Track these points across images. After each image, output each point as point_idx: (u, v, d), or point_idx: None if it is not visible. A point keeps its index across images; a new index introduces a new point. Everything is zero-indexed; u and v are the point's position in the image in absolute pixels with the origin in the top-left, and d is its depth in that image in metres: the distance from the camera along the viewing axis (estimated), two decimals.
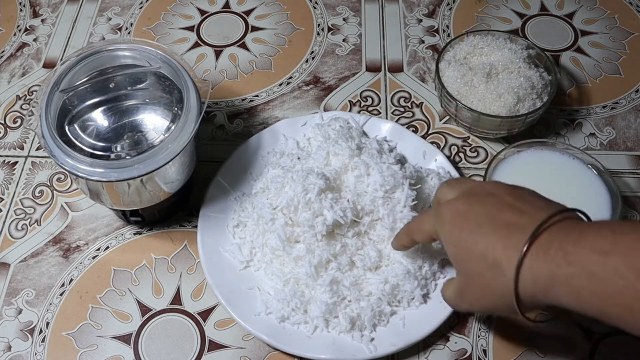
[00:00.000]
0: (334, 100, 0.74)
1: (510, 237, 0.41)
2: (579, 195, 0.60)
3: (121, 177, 0.53)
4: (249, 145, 0.67)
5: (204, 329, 0.59)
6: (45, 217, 0.66)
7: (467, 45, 0.71)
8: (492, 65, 0.68)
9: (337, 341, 0.55)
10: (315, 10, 0.84)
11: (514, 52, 0.69)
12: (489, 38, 0.71)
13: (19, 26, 0.84)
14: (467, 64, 0.69)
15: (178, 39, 0.82)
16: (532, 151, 0.63)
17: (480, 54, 0.70)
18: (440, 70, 0.69)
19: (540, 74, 0.67)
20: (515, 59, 0.68)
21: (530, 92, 0.65)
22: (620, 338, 0.57)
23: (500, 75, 0.67)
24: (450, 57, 0.70)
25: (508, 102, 0.65)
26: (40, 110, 0.56)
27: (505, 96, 0.65)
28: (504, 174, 0.62)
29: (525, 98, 0.65)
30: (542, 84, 0.66)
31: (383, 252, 0.59)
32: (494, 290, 0.42)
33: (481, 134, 0.69)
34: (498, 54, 0.69)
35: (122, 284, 0.61)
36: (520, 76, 0.66)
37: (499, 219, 0.42)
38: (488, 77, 0.67)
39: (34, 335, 0.59)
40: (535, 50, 0.70)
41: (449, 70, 0.68)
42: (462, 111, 0.66)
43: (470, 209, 0.44)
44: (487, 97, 0.66)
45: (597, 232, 0.38)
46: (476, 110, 0.65)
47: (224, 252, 0.61)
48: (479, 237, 0.43)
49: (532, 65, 0.69)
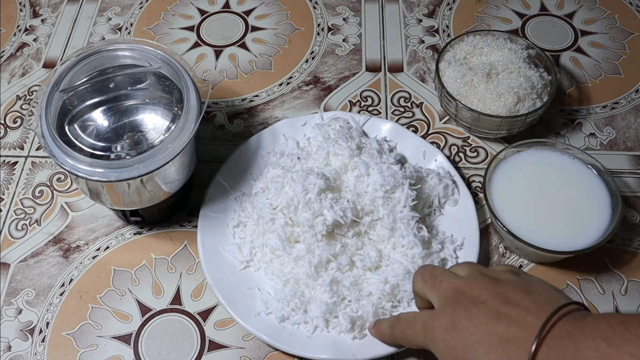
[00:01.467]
0: (334, 100, 0.74)
1: (508, 353, 0.39)
2: (579, 195, 0.60)
3: (121, 177, 0.53)
4: (249, 145, 0.67)
5: (204, 329, 0.59)
6: (45, 217, 0.66)
7: (467, 45, 0.71)
8: (492, 65, 0.68)
9: (337, 341, 0.55)
10: (315, 10, 0.84)
11: (514, 52, 0.69)
12: (489, 38, 0.71)
13: (19, 26, 0.84)
14: (467, 64, 0.69)
15: (178, 39, 0.82)
16: (532, 151, 0.63)
17: (480, 54, 0.70)
18: (440, 70, 0.69)
19: (540, 74, 0.67)
20: (515, 59, 0.68)
21: (530, 92, 0.65)
22: None
23: (500, 75, 0.67)
24: (450, 57, 0.70)
25: (508, 102, 0.65)
26: (40, 110, 0.56)
27: (505, 96, 0.65)
28: (504, 174, 0.62)
29: (525, 98, 0.65)
30: (542, 84, 0.66)
31: (383, 252, 0.59)
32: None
33: (481, 134, 0.69)
34: (498, 54, 0.69)
35: (122, 284, 0.61)
36: (520, 76, 0.66)
37: (492, 334, 0.40)
38: (488, 77, 0.67)
39: (34, 335, 0.59)
40: (535, 50, 0.70)
41: (449, 70, 0.68)
42: (462, 111, 0.66)
43: (459, 324, 0.42)
44: (487, 97, 0.66)
45: (592, 345, 0.36)
46: (476, 110, 0.65)
47: (224, 252, 0.61)
48: (477, 356, 0.41)
49: (532, 65, 0.69)
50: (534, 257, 0.61)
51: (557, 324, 0.38)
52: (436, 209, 0.63)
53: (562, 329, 0.38)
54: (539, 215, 0.59)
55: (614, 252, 0.62)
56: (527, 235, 0.57)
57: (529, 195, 0.60)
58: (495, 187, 0.61)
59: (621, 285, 0.60)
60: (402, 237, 0.58)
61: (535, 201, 0.60)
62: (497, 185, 0.61)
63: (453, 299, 0.44)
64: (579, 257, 0.61)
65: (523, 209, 0.59)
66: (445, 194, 0.63)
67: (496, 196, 0.60)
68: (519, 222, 0.58)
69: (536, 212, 0.59)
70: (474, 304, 0.43)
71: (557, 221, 0.59)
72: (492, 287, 0.43)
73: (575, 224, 0.58)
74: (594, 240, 0.57)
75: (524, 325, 0.39)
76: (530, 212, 0.59)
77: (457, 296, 0.44)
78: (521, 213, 0.59)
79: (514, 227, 0.58)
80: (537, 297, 0.41)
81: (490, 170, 0.61)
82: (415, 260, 0.58)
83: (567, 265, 0.61)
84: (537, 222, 0.58)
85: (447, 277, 0.47)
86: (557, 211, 0.59)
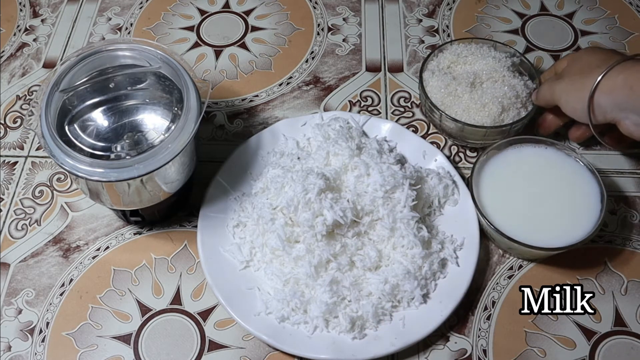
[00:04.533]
0: (334, 100, 0.74)
1: (607, 61, 0.59)
2: (566, 190, 0.60)
3: (121, 177, 0.53)
4: (249, 145, 0.67)
5: (204, 329, 0.59)
6: (45, 217, 0.66)
7: (451, 54, 0.70)
8: (476, 74, 0.67)
9: (337, 341, 0.55)
10: (315, 10, 0.84)
11: (497, 61, 0.68)
12: (473, 46, 0.70)
13: (19, 26, 0.84)
14: (451, 73, 0.68)
15: (178, 39, 0.82)
16: (512, 149, 0.63)
17: (464, 62, 0.69)
18: (424, 80, 0.68)
19: (524, 83, 0.66)
20: (499, 67, 0.67)
21: (514, 102, 0.65)
22: (620, 338, 0.57)
23: (485, 85, 0.66)
24: (434, 67, 0.69)
25: (492, 112, 0.64)
26: (40, 110, 0.56)
27: (489, 106, 0.64)
28: (490, 174, 0.62)
29: (509, 107, 0.65)
30: (526, 93, 0.66)
31: (383, 252, 0.59)
32: (583, 85, 0.59)
33: (466, 144, 0.69)
34: (482, 62, 0.68)
35: (122, 284, 0.61)
36: (505, 85, 0.66)
37: (602, 61, 0.60)
38: (472, 87, 0.66)
39: (34, 335, 0.59)
40: (520, 58, 0.69)
41: (433, 80, 0.67)
42: (446, 121, 0.66)
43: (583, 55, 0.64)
44: (472, 107, 0.65)
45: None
46: (460, 120, 0.65)
47: (223, 252, 0.61)
48: (590, 58, 0.61)
49: (517, 73, 0.68)
50: (528, 255, 0.61)
51: (620, 64, 0.57)
52: (436, 209, 0.63)
53: (622, 66, 0.57)
54: (528, 213, 0.59)
55: (614, 252, 0.62)
56: (518, 234, 0.57)
57: (515, 194, 0.61)
58: (483, 188, 0.61)
59: (621, 285, 0.60)
60: (402, 237, 0.58)
61: (522, 199, 0.60)
62: (484, 187, 0.61)
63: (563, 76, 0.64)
64: (578, 257, 0.61)
65: (512, 208, 0.60)
66: (445, 194, 0.63)
67: (485, 197, 0.60)
68: (509, 221, 0.58)
69: (524, 210, 0.60)
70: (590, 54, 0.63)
71: (547, 218, 0.59)
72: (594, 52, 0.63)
73: (565, 220, 0.58)
74: (584, 234, 0.57)
75: (596, 72, 0.59)
76: (518, 211, 0.59)
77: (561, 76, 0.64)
78: (510, 212, 0.59)
79: (504, 227, 0.58)
80: (606, 58, 0.60)
81: (476, 171, 0.61)
82: (415, 260, 0.58)
83: (567, 265, 0.61)
84: (526, 220, 0.59)
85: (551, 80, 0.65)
86: (544, 208, 0.59)
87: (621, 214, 0.65)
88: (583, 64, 0.61)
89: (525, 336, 0.57)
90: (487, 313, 0.59)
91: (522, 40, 0.80)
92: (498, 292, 0.60)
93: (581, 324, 0.58)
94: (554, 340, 0.57)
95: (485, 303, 0.59)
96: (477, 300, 0.60)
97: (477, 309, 0.59)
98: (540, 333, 0.58)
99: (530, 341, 0.57)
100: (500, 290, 0.60)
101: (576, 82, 0.60)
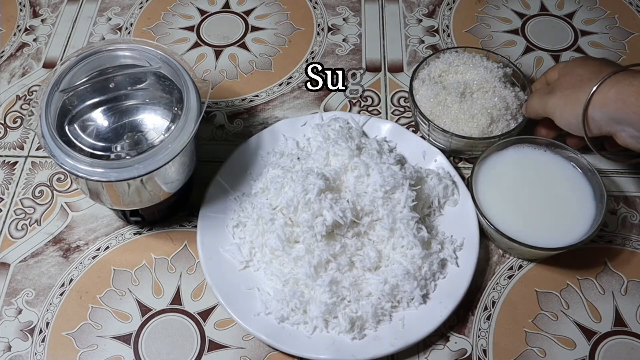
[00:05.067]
0: (334, 100, 0.74)
1: (599, 74, 0.58)
2: (565, 190, 0.60)
3: (121, 177, 0.53)
4: (249, 145, 0.67)
5: (204, 329, 0.59)
6: (45, 217, 0.66)
7: (443, 63, 0.69)
8: (466, 84, 0.66)
9: (336, 341, 0.55)
10: (315, 10, 0.84)
11: (489, 71, 0.67)
12: (465, 55, 0.69)
13: (19, 26, 0.84)
14: (441, 82, 0.68)
15: (178, 39, 0.82)
16: (513, 149, 0.63)
17: (455, 72, 0.69)
18: (414, 89, 0.68)
19: (515, 94, 0.66)
20: (490, 78, 0.66)
21: (504, 113, 0.64)
22: (620, 338, 0.57)
23: (475, 95, 0.66)
24: (425, 75, 0.69)
25: (481, 123, 0.64)
26: (40, 110, 0.56)
27: (478, 117, 0.64)
28: (489, 175, 0.62)
29: (499, 119, 0.64)
30: (517, 104, 0.65)
31: (382, 252, 0.59)
32: (576, 99, 0.58)
33: (455, 154, 0.68)
34: (473, 72, 0.67)
35: (122, 284, 0.61)
36: (495, 96, 0.65)
37: (593, 74, 0.59)
38: (462, 97, 0.65)
39: (34, 335, 0.59)
40: (512, 69, 0.68)
41: (423, 89, 0.67)
42: (435, 132, 0.66)
43: (557, 94, 0.61)
44: (460, 118, 0.64)
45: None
46: (448, 131, 0.64)
47: (223, 252, 0.61)
48: (582, 70, 0.60)
49: (508, 84, 0.67)
50: (528, 255, 0.61)
51: (612, 77, 0.56)
52: (436, 210, 0.63)
53: (614, 78, 0.56)
54: (528, 212, 0.59)
55: (614, 252, 0.62)
56: (518, 234, 0.57)
57: (515, 194, 0.61)
58: (483, 188, 0.61)
59: (621, 285, 0.60)
60: (402, 238, 0.58)
61: (522, 199, 0.60)
62: (484, 187, 0.61)
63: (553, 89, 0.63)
64: (578, 257, 0.61)
65: (512, 208, 0.60)
66: (445, 195, 0.63)
67: (484, 197, 0.60)
68: (509, 221, 0.58)
69: (524, 210, 0.60)
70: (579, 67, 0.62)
71: (547, 218, 0.59)
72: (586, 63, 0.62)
73: (565, 219, 0.59)
74: (584, 234, 0.57)
75: (589, 85, 0.58)
76: (518, 211, 0.59)
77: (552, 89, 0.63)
78: (510, 212, 0.59)
79: (504, 227, 0.58)
80: (597, 70, 0.59)
81: (475, 171, 0.61)
82: (414, 260, 0.58)
83: (567, 265, 0.61)
84: (526, 220, 0.59)
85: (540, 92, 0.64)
86: (544, 208, 0.59)
87: (621, 214, 0.65)
88: (574, 77, 0.60)
89: (525, 336, 0.57)
90: (487, 313, 0.59)
91: (522, 40, 0.80)
92: (498, 292, 0.60)
93: (581, 324, 0.58)
94: (554, 340, 0.57)
95: (485, 303, 0.59)
96: (477, 300, 0.60)
97: (477, 309, 0.59)
98: (540, 333, 0.58)
99: (530, 341, 0.57)
100: (500, 290, 0.60)
101: (569, 97, 0.59)
